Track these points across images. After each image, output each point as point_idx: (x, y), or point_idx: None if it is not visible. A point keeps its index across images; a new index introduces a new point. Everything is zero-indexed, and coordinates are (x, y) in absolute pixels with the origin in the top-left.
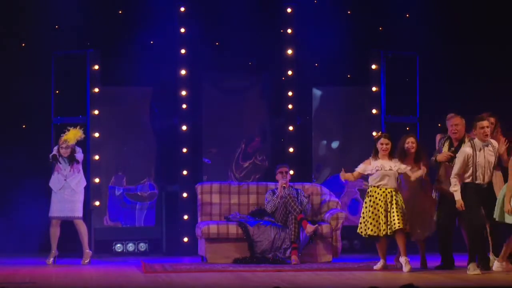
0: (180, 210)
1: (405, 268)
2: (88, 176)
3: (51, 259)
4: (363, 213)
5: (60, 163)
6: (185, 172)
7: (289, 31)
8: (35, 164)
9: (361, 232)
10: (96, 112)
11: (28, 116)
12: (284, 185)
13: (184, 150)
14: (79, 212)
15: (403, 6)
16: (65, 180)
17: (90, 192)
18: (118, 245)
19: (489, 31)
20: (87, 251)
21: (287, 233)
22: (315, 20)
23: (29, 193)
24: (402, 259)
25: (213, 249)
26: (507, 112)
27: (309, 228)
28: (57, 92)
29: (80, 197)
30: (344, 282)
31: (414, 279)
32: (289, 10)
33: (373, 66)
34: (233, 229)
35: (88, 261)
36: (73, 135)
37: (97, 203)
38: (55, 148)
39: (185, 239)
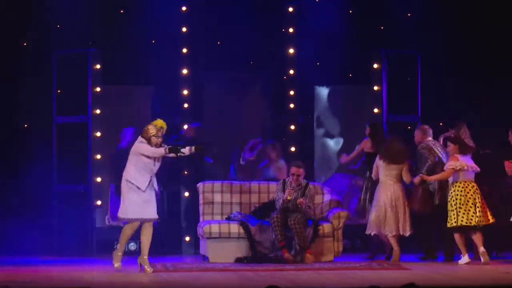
0: (181, 209)
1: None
2: (89, 176)
3: (120, 264)
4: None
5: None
6: (186, 172)
7: (291, 30)
8: (35, 164)
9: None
10: (98, 111)
11: (29, 116)
12: (289, 197)
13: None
14: (155, 214)
15: (405, 5)
16: (150, 177)
17: (92, 191)
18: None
19: (490, 30)
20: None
21: (289, 234)
22: (317, 19)
23: (29, 192)
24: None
25: (214, 248)
26: (507, 112)
27: (288, 258)
28: (58, 91)
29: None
30: (346, 282)
31: (415, 278)
32: (290, 9)
33: (375, 65)
34: (234, 228)
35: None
36: (161, 121)
37: (98, 202)
38: (144, 143)
39: (187, 238)
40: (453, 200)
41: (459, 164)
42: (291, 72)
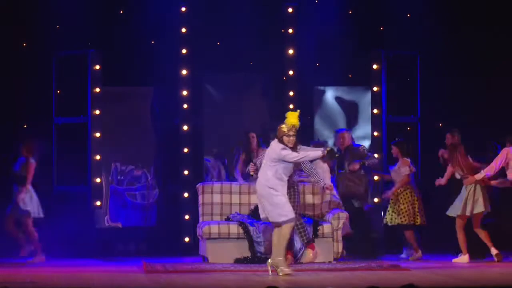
0: (181, 210)
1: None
2: (89, 176)
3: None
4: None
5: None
6: (186, 172)
7: (290, 31)
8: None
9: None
10: (97, 112)
11: (29, 116)
12: (252, 173)
13: (185, 150)
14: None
15: (404, 6)
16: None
17: (91, 192)
18: (119, 245)
19: (490, 31)
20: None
21: None
22: (316, 20)
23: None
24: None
25: (214, 249)
26: (507, 112)
27: (290, 259)
28: (58, 92)
29: None
30: (345, 282)
31: (414, 279)
32: (290, 10)
33: (374, 66)
34: (234, 229)
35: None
36: (295, 117)
37: (98, 203)
38: (286, 149)
39: (186, 239)
40: (404, 200)
41: (411, 168)
42: (291, 72)
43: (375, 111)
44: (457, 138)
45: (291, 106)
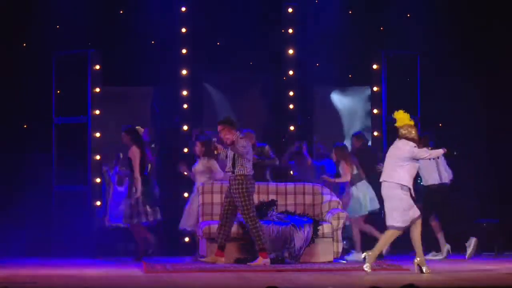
0: (181, 210)
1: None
2: (89, 176)
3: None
4: None
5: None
6: (186, 172)
7: (290, 31)
8: (35, 164)
9: None
10: (97, 112)
11: (29, 116)
12: (218, 151)
13: (185, 149)
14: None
15: (404, 6)
16: None
17: (91, 192)
18: (119, 245)
19: (490, 31)
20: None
21: (288, 233)
22: (316, 20)
23: (29, 192)
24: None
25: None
26: (507, 112)
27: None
28: (58, 92)
29: None
30: (345, 282)
31: (414, 279)
32: (290, 10)
33: (374, 66)
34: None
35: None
36: (405, 115)
37: (98, 203)
38: (417, 147)
39: (186, 239)
40: None
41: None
42: (291, 72)
43: (375, 111)
44: (363, 143)
45: (291, 106)
